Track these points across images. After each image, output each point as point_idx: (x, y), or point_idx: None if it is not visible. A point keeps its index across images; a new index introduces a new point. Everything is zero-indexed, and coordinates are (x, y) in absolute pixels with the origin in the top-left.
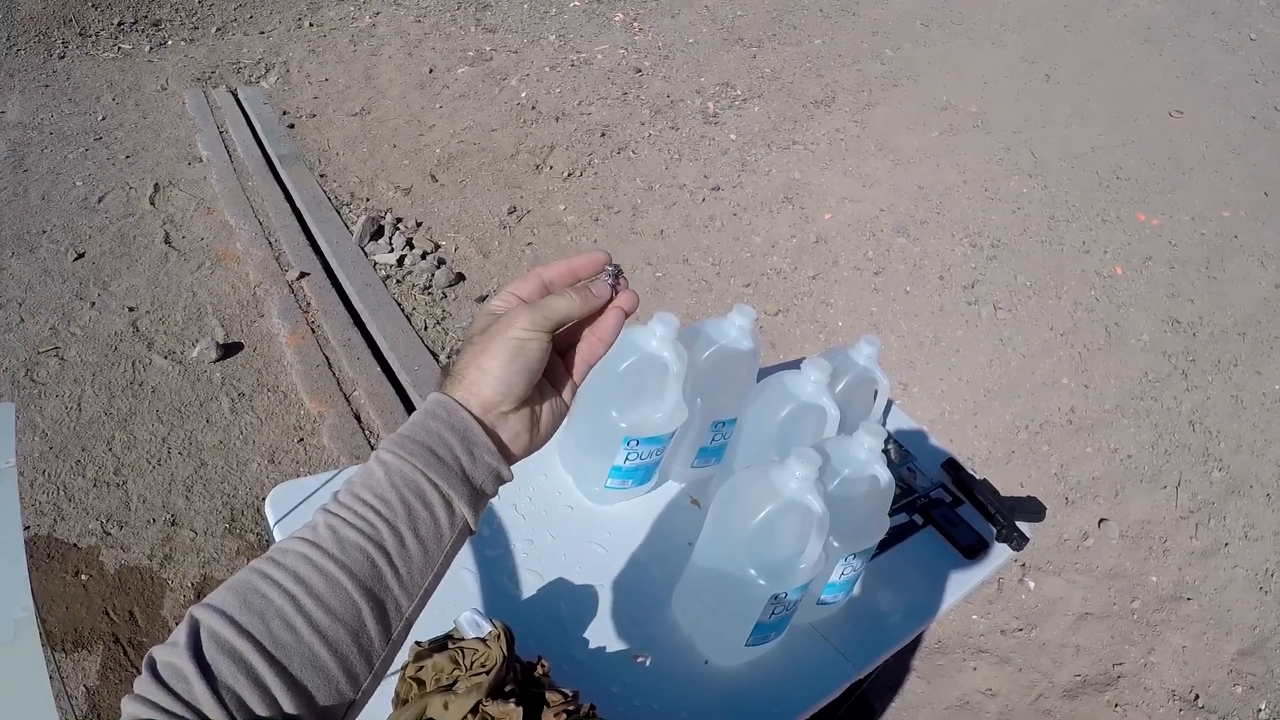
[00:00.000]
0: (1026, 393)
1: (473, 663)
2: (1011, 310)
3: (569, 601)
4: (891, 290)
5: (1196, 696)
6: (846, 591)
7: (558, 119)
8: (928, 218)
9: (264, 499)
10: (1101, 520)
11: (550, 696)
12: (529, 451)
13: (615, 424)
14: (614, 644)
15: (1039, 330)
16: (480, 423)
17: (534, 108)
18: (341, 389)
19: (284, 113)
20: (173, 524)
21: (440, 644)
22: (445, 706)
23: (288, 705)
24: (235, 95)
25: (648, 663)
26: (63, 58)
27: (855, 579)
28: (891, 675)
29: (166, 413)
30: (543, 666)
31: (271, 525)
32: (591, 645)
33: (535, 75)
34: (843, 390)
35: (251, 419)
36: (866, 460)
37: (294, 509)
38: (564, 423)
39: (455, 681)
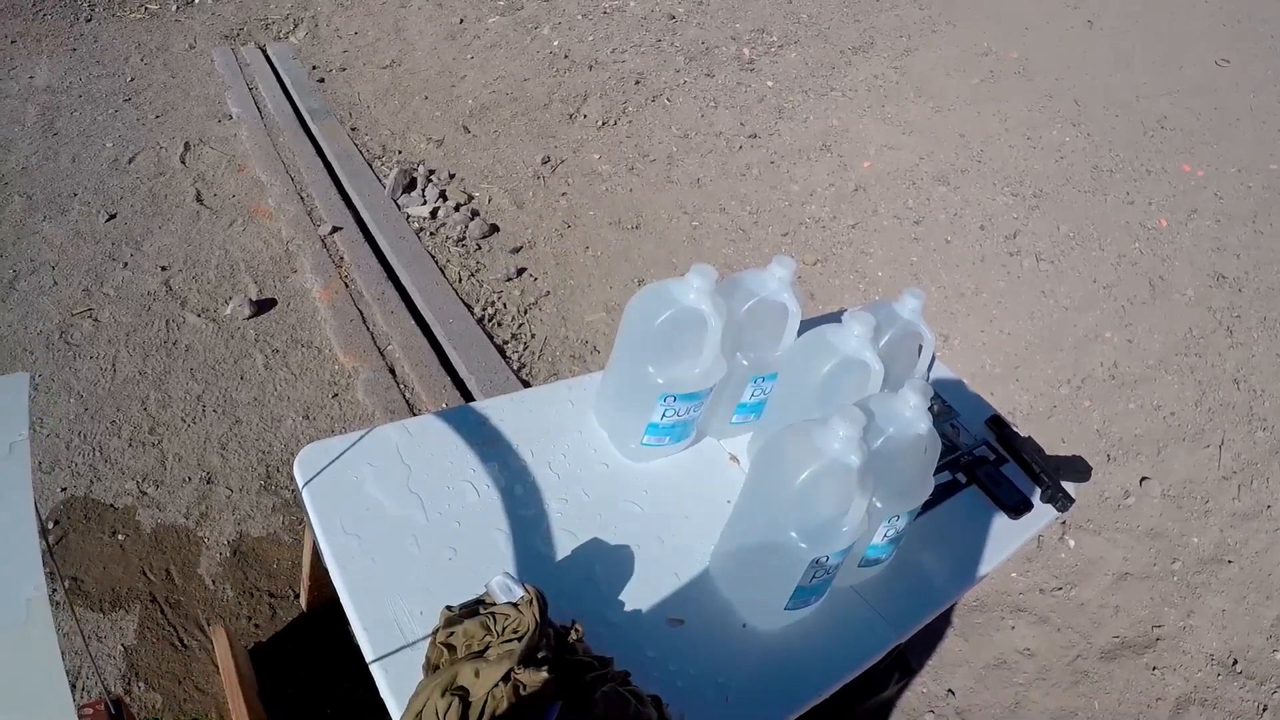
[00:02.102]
0: (1069, 346)
1: (504, 629)
2: (1054, 261)
3: (604, 562)
4: (932, 240)
5: (1235, 661)
6: (889, 553)
7: (591, 67)
8: (968, 166)
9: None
10: (1143, 479)
11: (584, 662)
12: None
13: (652, 380)
14: (650, 606)
15: (1082, 282)
16: None
17: (566, 56)
18: (376, 343)
19: (313, 68)
20: (208, 482)
21: (471, 609)
22: (476, 674)
23: None
24: (264, 51)
25: (684, 625)
26: (89, 20)
27: (898, 540)
28: (929, 633)
29: (201, 371)
30: (576, 631)
31: (301, 486)
32: (627, 608)
33: (567, 24)
34: (886, 345)
35: (286, 375)
36: (912, 419)
37: (322, 470)
38: (601, 378)
39: (486, 648)
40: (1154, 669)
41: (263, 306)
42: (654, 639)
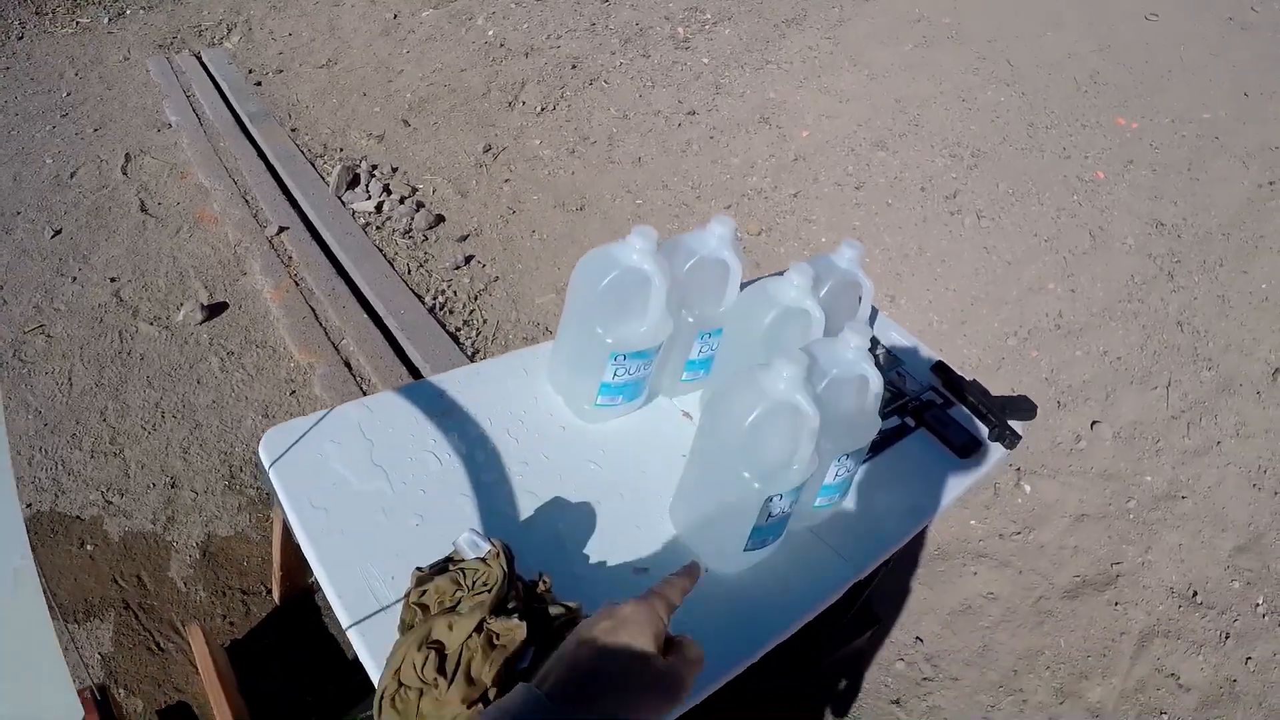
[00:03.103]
0: (1014, 299)
1: (474, 583)
2: (994, 218)
3: (567, 520)
4: (873, 204)
5: (1195, 593)
6: (841, 493)
7: (527, 54)
8: (906, 130)
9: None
10: (1094, 422)
11: (553, 610)
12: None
13: (601, 340)
14: (614, 558)
15: (1023, 237)
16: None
17: (502, 45)
18: (329, 338)
19: (250, 71)
20: (173, 486)
21: (441, 567)
22: (450, 627)
23: None
24: (199, 58)
25: (648, 573)
26: (21, 38)
27: (849, 481)
28: (894, 582)
29: (157, 378)
30: (544, 583)
31: (267, 467)
32: (592, 560)
33: (501, 12)
34: (827, 295)
35: (242, 376)
36: (854, 360)
37: (288, 450)
38: (553, 344)
39: (459, 603)
40: (1116, 604)
41: (215, 310)
42: (620, 588)
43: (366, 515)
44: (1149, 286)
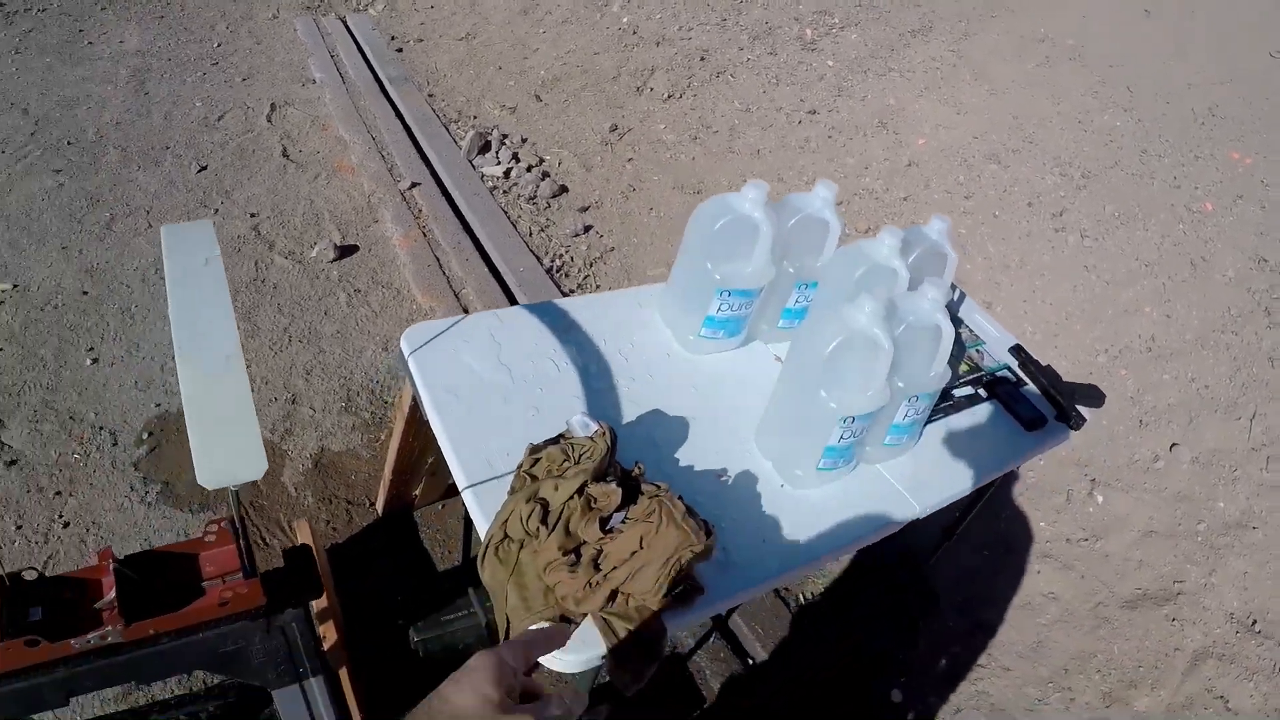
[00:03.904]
0: (1108, 318)
1: (580, 456)
2: (1098, 239)
3: (663, 430)
4: (980, 214)
5: (1254, 621)
6: (911, 435)
7: (658, 43)
8: (1020, 146)
9: (379, 381)
10: (1173, 445)
11: (645, 487)
12: None
13: (710, 276)
14: (700, 465)
15: (1124, 260)
16: None
17: (635, 32)
18: (451, 286)
19: (392, 38)
20: (293, 403)
21: (553, 441)
22: (555, 488)
23: None
24: (344, 22)
25: (730, 481)
26: None
27: (918, 425)
28: (958, 568)
29: (287, 306)
30: (639, 468)
31: (407, 355)
32: (681, 464)
33: (636, 1)
34: (915, 260)
35: (366, 311)
36: (929, 310)
37: (427, 342)
38: (668, 280)
39: (565, 470)
40: (1173, 620)
41: (346, 251)
42: (704, 490)
43: (490, 401)
44: (1244, 320)
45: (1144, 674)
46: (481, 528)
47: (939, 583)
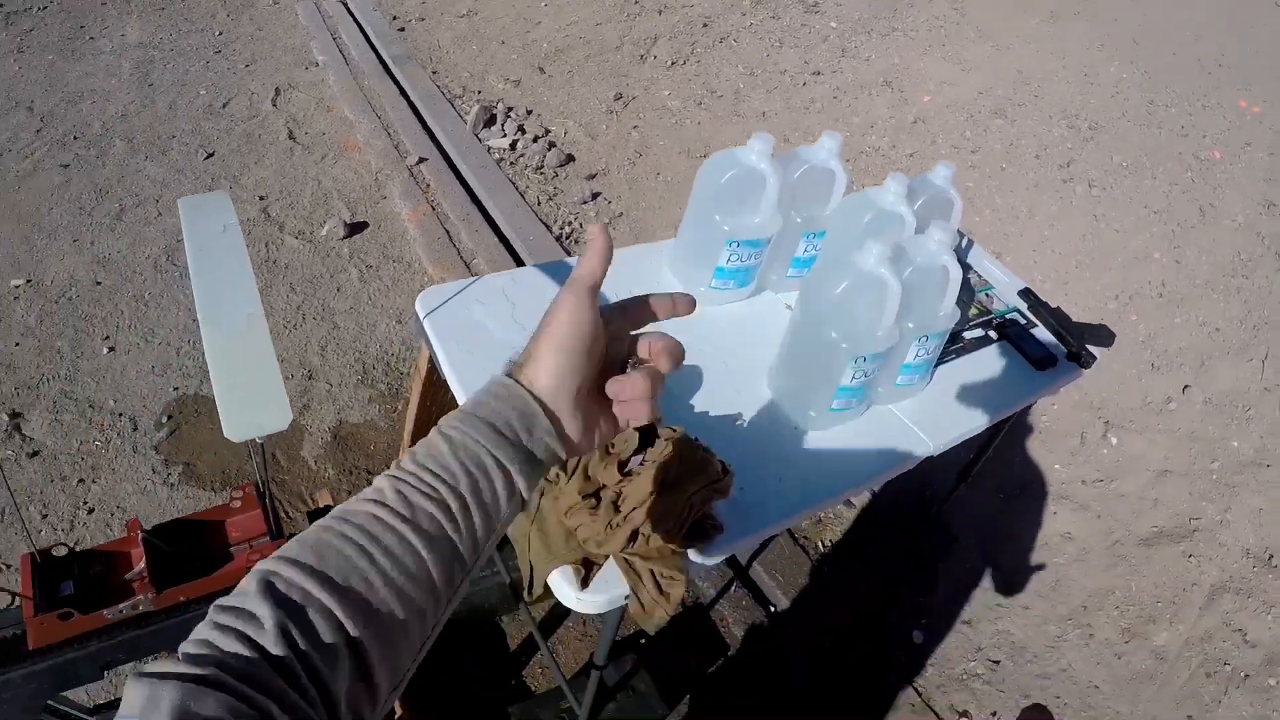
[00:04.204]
0: (1118, 265)
1: None
2: (1106, 189)
3: (678, 378)
4: (987, 167)
5: (1270, 556)
6: (922, 375)
7: (660, 12)
8: (1025, 101)
9: (393, 354)
10: (1186, 387)
11: (661, 430)
12: (577, 452)
13: (719, 227)
14: (715, 412)
15: (1133, 208)
16: (540, 403)
17: (637, 2)
18: (461, 257)
19: (393, 18)
20: (309, 378)
21: None
22: None
23: (366, 645)
24: (345, 4)
25: (745, 424)
26: None
27: (929, 365)
28: (975, 511)
29: (300, 284)
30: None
31: (422, 318)
32: (695, 410)
33: None
34: (920, 207)
35: (379, 286)
36: (936, 252)
37: (441, 304)
38: (676, 235)
39: None
40: (1190, 556)
41: (356, 228)
42: (719, 434)
43: (506, 358)
44: (1254, 264)
45: (1162, 609)
46: None
47: (957, 526)
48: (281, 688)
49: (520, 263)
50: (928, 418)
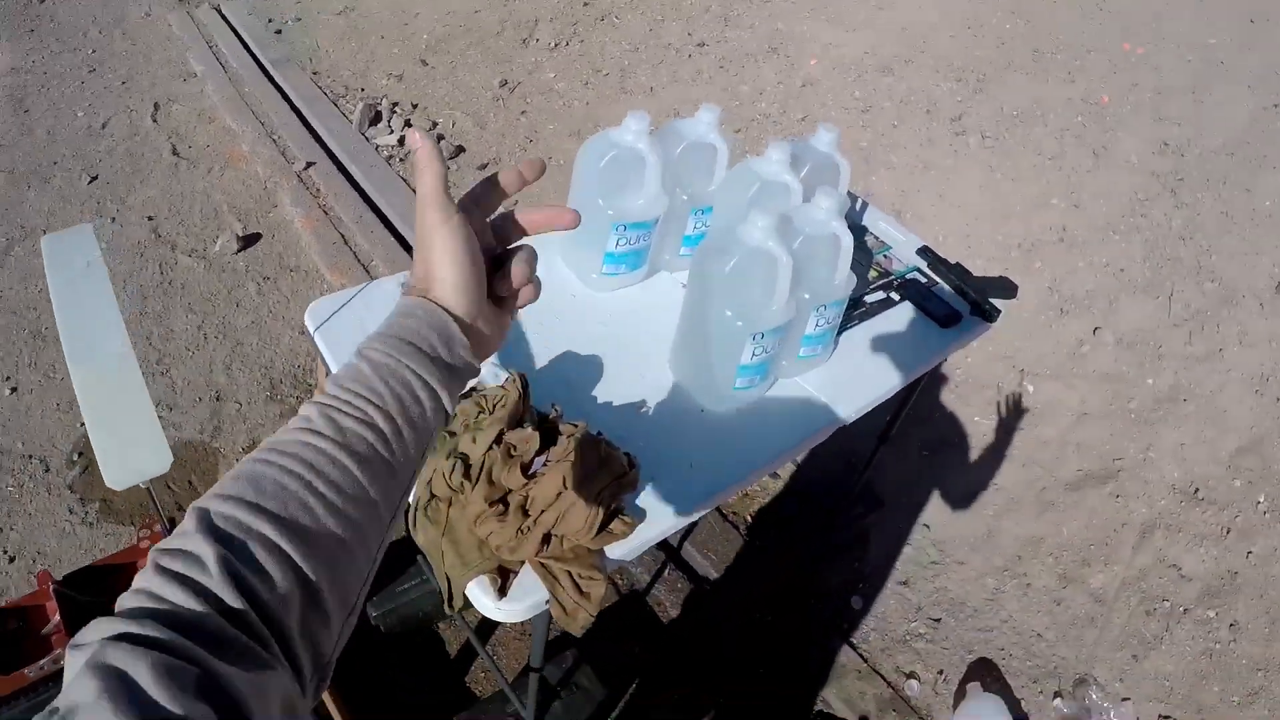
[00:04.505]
0: (1017, 214)
1: (494, 405)
2: (999, 139)
3: (577, 369)
4: (879, 125)
5: (1196, 489)
6: (825, 344)
7: None
8: (912, 57)
9: (300, 366)
10: (1096, 329)
11: (563, 427)
12: (486, 354)
13: (603, 212)
14: (618, 401)
15: (1027, 156)
16: (454, 317)
17: None
18: (359, 260)
19: (269, 20)
20: (218, 399)
21: (465, 395)
22: (473, 440)
23: (312, 572)
24: (219, 10)
25: (650, 411)
26: (43, 1)
27: (831, 333)
28: (899, 472)
29: (198, 304)
30: (556, 410)
31: (312, 331)
32: (599, 401)
33: None
34: (807, 175)
35: (278, 298)
36: (824, 219)
37: (331, 316)
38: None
39: (481, 423)
40: (1117, 497)
41: (249, 241)
42: (623, 424)
43: None
44: (1152, 203)
45: (1095, 551)
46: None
47: (883, 489)
48: (232, 634)
49: None
50: (836, 387)
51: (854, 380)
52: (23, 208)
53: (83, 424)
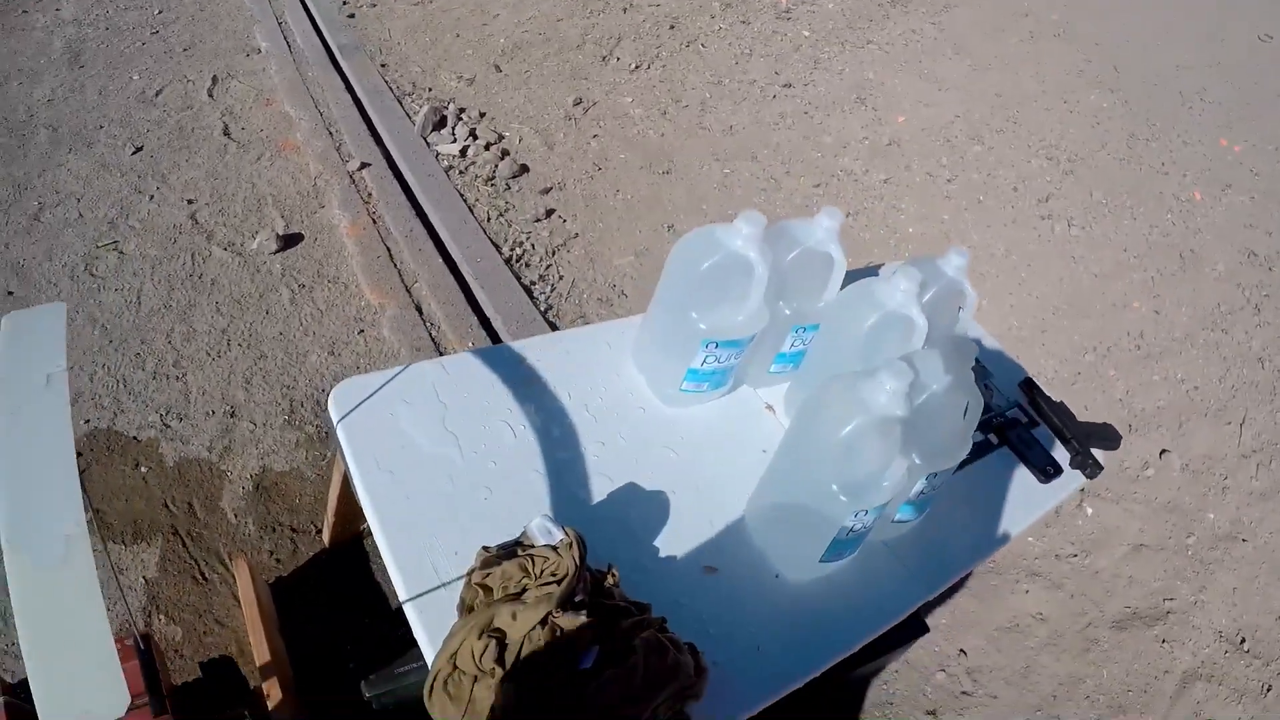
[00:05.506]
0: (1096, 314)
1: (543, 571)
2: (1085, 228)
3: (639, 508)
4: (964, 199)
5: (1243, 640)
6: (923, 511)
7: (625, 10)
8: (1004, 126)
9: (324, 390)
10: (1163, 451)
11: (624, 617)
12: None
13: (695, 325)
14: (684, 553)
15: (1112, 250)
16: None
17: None
18: (403, 280)
19: (343, 3)
20: (232, 416)
21: (510, 551)
22: (514, 616)
23: None
24: None
25: (718, 574)
26: None
27: (931, 500)
28: (944, 592)
29: (226, 304)
30: (613, 576)
31: (335, 422)
32: (661, 554)
33: None
34: (930, 301)
35: (311, 310)
36: (956, 379)
37: (358, 405)
38: (641, 322)
39: (524, 590)
40: (1163, 641)
41: (289, 241)
42: (688, 587)
43: (433, 482)
44: (1234, 318)
45: (1133, 699)
46: (426, 650)
47: (923, 607)
48: None
49: (466, 290)
50: (921, 551)
51: (942, 544)
52: (60, 171)
53: (87, 420)
